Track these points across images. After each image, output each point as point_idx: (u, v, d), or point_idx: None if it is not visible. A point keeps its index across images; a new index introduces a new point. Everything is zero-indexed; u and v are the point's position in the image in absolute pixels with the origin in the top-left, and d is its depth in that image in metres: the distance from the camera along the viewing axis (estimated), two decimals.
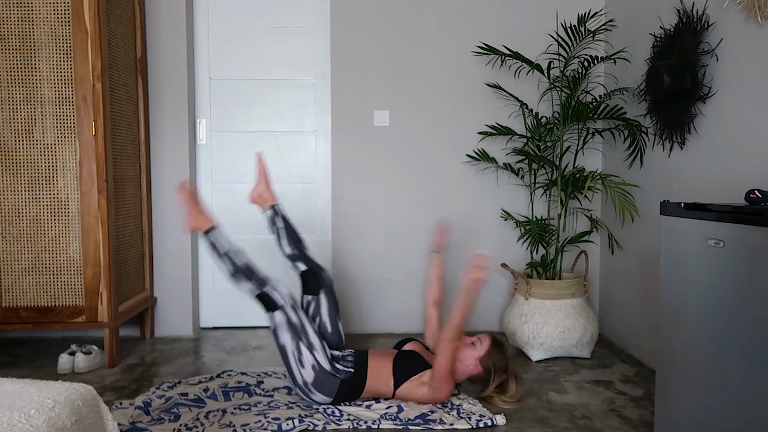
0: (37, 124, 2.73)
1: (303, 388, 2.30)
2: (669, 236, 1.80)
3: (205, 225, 2.40)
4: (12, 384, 1.36)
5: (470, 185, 3.49)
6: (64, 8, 2.68)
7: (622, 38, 3.16)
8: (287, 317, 2.30)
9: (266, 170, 2.68)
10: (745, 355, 1.49)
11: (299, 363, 2.28)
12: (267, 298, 2.32)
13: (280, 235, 2.64)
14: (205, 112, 3.49)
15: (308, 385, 2.29)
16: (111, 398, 2.43)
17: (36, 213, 2.75)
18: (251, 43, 3.47)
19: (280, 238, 2.64)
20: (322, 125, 3.52)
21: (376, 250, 3.51)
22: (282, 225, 2.64)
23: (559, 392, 2.54)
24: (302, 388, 2.31)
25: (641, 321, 2.97)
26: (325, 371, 2.29)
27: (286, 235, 2.64)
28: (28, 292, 2.77)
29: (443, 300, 2.71)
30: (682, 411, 1.75)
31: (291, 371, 2.31)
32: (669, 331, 1.81)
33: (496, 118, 3.43)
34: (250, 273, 2.34)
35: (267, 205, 2.67)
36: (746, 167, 2.19)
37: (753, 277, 1.46)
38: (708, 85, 2.42)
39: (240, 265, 2.35)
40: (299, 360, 2.28)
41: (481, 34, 3.39)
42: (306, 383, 2.29)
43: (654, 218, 2.85)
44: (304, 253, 2.64)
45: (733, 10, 2.26)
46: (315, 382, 2.29)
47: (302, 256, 2.64)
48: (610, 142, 3.36)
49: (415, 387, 2.32)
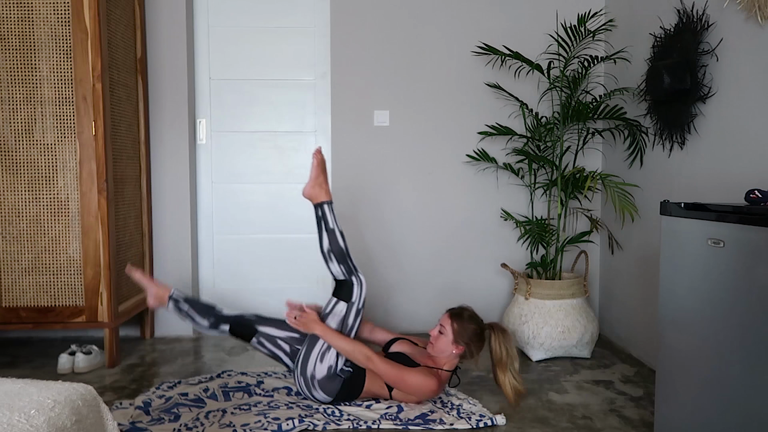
0: (37, 124, 2.73)
1: (308, 380, 2.30)
2: (669, 236, 1.80)
3: (322, 197, 2.47)
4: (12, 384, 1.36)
5: (470, 185, 3.49)
6: (64, 8, 2.68)
7: (622, 38, 3.16)
8: (347, 314, 2.35)
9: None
10: (745, 355, 1.49)
11: (321, 356, 2.29)
12: (348, 286, 2.38)
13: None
14: (205, 112, 3.49)
15: (315, 380, 2.29)
16: (111, 398, 2.43)
17: (36, 213, 2.75)
18: (251, 43, 3.47)
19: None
20: (322, 125, 3.52)
21: (376, 249, 3.50)
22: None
23: (559, 392, 2.54)
24: (307, 381, 2.30)
25: (641, 321, 2.97)
26: (335, 373, 2.31)
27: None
28: (28, 292, 2.77)
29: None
30: (682, 411, 1.75)
31: (306, 359, 2.30)
32: (669, 331, 1.81)
33: (496, 118, 3.43)
34: (344, 258, 2.41)
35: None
36: (746, 167, 2.19)
37: (753, 277, 1.46)
38: (708, 85, 2.42)
39: (340, 246, 2.40)
40: (322, 354, 2.30)
41: (481, 34, 3.39)
42: (314, 377, 2.29)
43: (654, 218, 2.85)
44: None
45: (733, 10, 2.26)
46: (322, 380, 2.29)
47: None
48: (610, 142, 3.36)
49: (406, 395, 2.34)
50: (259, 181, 3.53)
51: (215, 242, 3.53)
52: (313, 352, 2.30)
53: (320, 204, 2.46)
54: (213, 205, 3.53)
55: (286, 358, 2.39)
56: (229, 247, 3.54)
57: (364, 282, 2.40)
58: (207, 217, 3.53)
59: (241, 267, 3.55)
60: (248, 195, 3.53)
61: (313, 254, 3.55)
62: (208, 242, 3.53)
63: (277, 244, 3.55)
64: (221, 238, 3.54)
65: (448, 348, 2.34)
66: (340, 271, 2.41)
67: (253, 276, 3.55)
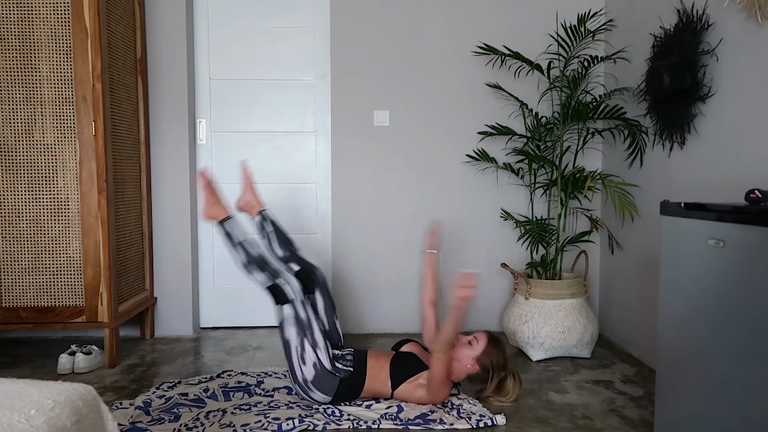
0: (37, 124, 2.73)
1: (303, 385, 2.30)
2: (669, 236, 1.80)
3: (221, 214, 2.45)
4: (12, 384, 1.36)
5: (470, 185, 3.49)
6: (64, 8, 2.68)
7: (622, 38, 3.16)
8: (296, 312, 2.32)
9: (251, 178, 2.71)
10: (745, 355, 1.49)
11: (301, 359, 2.29)
12: (278, 290, 2.34)
13: (270, 239, 2.66)
14: (205, 112, 3.49)
15: (308, 383, 2.29)
16: (111, 398, 2.43)
17: (36, 213, 2.75)
18: (251, 43, 3.47)
19: (271, 241, 2.65)
20: (322, 125, 3.52)
21: (376, 250, 3.51)
22: (271, 229, 2.66)
23: (559, 392, 2.54)
24: (302, 386, 2.31)
25: (641, 321, 2.97)
26: (326, 370, 2.29)
27: (276, 238, 2.65)
28: (28, 292, 2.77)
29: (439, 298, 2.71)
30: (682, 411, 1.75)
31: (292, 367, 2.31)
32: (669, 331, 1.81)
33: (496, 118, 3.43)
34: (264, 264, 2.38)
35: (255, 211, 2.68)
36: (746, 167, 2.19)
37: (753, 277, 1.46)
38: (708, 85, 2.42)
39: (254, 256, 2.38)
40: (301, 357, 2.29)
41: (481, 34, 3.39)
42: (306, 380, 2.29)
43: (654, 218, 2.85)
44: (295, 254, 2.65)
45: (733, 10, 2.26)
46: (315, 380, 2.29)
47: (294, 256, 2.64)
48: (610, 142, 3.36)
49: (412, 389, 2.33)
50: (259, 182, 3.52)
51: (215, 242, 3.53)
52: (293, 360, 2.31)
53: (220, 223, 2.45)
54: None
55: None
56: None
57: (291, 278, 2.37)
58: None
59: None
60: None
61: (313, 254, 3.55)
62: (208, 242, 3.53)
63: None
64: (221, 238, 3.53)
65: (466, 360, 2.35)
66: (265, 278, 2.37)
67: None
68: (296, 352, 2.30)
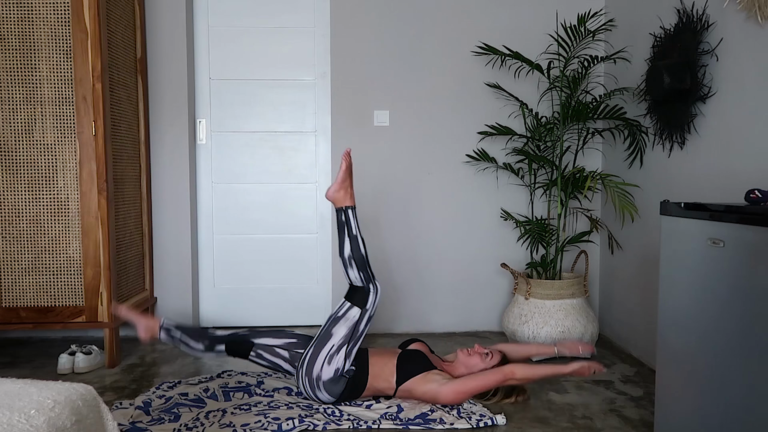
0: (37, 124, 2.73)
1: (313, 381, 2.30)
2: (669, 236, 1.80)
3: (347, 201, 2.42)
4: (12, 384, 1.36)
5: (470, 185, 3.49)
6: (64, 8, 2.68)
7: (622, 38, 3.16)
8: (360, 320, 2.34)
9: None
10: (745, 355, 1.49)
11: (329, 358, 2.29)
12: (364, 294, 2.37)
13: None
14: (205, 112, 3.49)
15: (320, 381, 2.29)
16: (111, 398, 2.43)
17: (36, 213, 2.75)
18: (251, 43, 3.47)
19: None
20: (322, 125, 3.52)
21: (376, 250, 3.50)
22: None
23: (559, 392, 2.54)
24: (312, 382, 2.30)
25: (641, 321, 2.97)
26: (341, 376, 2.31)
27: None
28: (28, 292, 2.77)
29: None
30: (682, 411, 1.75)
31: (314, 360, 2.29)
32: (669, 331, 1.81)
33: (496, 118, 3.43)
34: (365, 264, 2.39)
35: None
36: (746, 167, 2.19)
37: (753, 277, 1.46)
38: (708, 85, 2.42)
39: (362, 253, 2.38)
40: (330, 356, 2.29)
41: (481, 34, 3.39)
42: (320, 378, 2.29)
43: (654, 218, 2.85)
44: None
45: (733, 10, 2.26)
46: (328, 383, 2.29)
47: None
48: (610, 142, 3.36)
49: (418, 384, 2.31)
50: (259, 181, 3.53)
51: (215, 242, 3.53)
52: (321, 353, 2.30)
53: (344, 209, 2.42)
54: (213, 205, 3.53)
55: (286, 364, 2.39)
56: (229, 247, 3.54)
57: (380, 291, 2.40)
58: (207, 217, 3.53)
59: (241, 267, 3.55)
60: (248, 195, 3.53)
61: (313, 254, 3.55)
62: (208, 242, 3.53)
63: (277, 244, 3.55)
64: (221, 238, 3.54)
65: (475, 370, 2.38)
66: (358, 277, 2.39)
67: (253, 276, 3.55)
68: (328, 350, 2.30)
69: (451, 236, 3.51)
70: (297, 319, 3.56)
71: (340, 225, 2.43)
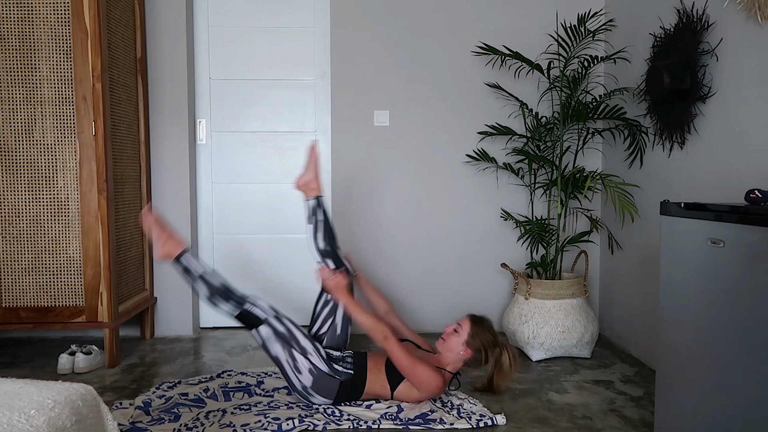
0: (37, 124, 2.73)
1: (303, 392, 2.31)
2: (669, 236, 1.80)
3: (176, 250, 2.33)
4: (12, 384, 1.36)
5: (470, 185, 3.49)
6: (64, 8, 2.68)
7: (622, 38, 3.16)
8: (273, 329, 2.29)
9: (318, 160, 2.58)
10: (745, 355, 1.49)
11: (295, 370, 2.28)
12: (249, 315, 2.29)
13: (317, 227, 2.56)
14: (205, 112, 3.49)
15: (308, 389, 2.29)
16: (111, 398, 2.43)
17: (36, 213, 2.75)
18: (251, 43, 3.47)
19: (317, 230, 2.56)
20: (322, 125, 3.52)
21: (376, 250, 3.50)
22: (322, 218, 2.56)
23: (559, 392, 2.54)
24: (302, 393, 2.31)
25: (641, 321, 2.97)
26: (324, 373, 2.29)
27: (323, 228, 2.56)
28: (28, 292, 2.77)
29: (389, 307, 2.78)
30: (682, 411, 1.75)
31: (289, 379, 2.30)
32: (669, 331, 1.81)
33: (496, 118, 3.43)
34: (228, 293, 2.30)
35: (312, 194, 2.57)
36: (746, 167, 2.19)
37: (753, 277, 1.46)
38: (708, 85, 2.42)
39: (217, 286, 2.30)
40: (295, 367, 2.28)
41: (481, 34, 3.39)
42: (305, 387, 2.29)
43: (654, 218, 2.85)
44: (336, 252, 2.57)
45: (733, 10, 2.26)
46: (314, 386, 2.29)
47: (334, 254, 2.56)
48: (610, 142, 3.36)
49: (408, 389, 2.33)
50: (259, 181, 3.53)
51: (215, 242, 3.53)
52: (288, 373, 2.28)
53: (176, 259, 2.33)
54: (213, 205, 3.53)
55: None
56: (229, 247, 3.54)
57: (255, 297, 2.35)
58: (207, 217, 3.53)
59: (241, 267, 3.54)
60: (248, 195, 3.53)
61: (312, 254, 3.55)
62: (207, 242, 3.53)
63: (276, 244, 3.55)
64: (221, 238, 3.54)
65: (457, 347, 2.35)
66: (231, 308, 2.30)
67: (253, 276, 3.55)
68: (289, 365, 2.28)
69: (451, 236, 3.51)
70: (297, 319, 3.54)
71: (184, 276, 2.34)
